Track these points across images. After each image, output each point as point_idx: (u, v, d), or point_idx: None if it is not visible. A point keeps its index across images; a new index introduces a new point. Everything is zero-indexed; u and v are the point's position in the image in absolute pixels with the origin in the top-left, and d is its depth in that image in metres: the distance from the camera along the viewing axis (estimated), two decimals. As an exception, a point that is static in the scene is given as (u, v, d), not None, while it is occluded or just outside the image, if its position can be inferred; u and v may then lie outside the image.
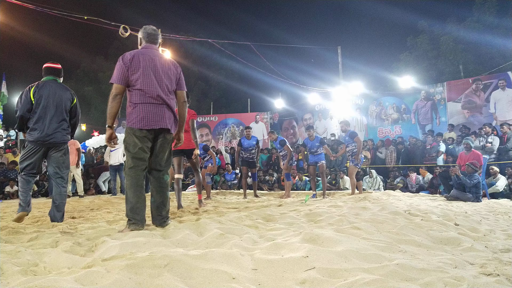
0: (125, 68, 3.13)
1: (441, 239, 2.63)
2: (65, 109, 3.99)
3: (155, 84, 3.19)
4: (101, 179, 11.71)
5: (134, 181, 3.12)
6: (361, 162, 7.79)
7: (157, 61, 3.26)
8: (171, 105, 3.30)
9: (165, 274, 1.62)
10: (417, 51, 20.73)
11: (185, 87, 3.47)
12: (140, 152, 3.15)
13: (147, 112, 3.15)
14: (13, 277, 1.74)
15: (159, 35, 3.48)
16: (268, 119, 17.40)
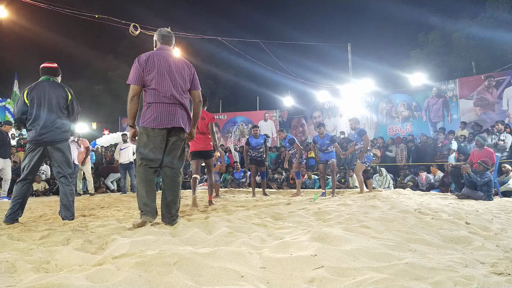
0: (141, 69, 3.25)
1: (451, 238, 2.60)
2: (59, 106, 3.91)
3: (169, 84, 3.29)
4: (108, 179, 11.81)
5: (143, 176, 3.25)
6: (369, 160, 7.68)
7: (171, 62, 3.36)
8: (184, 104, 3.39)
9: (174, 272, 1.63)
10: (428, 47, 20.50)
11: (199, 86, 3.57)
12: (151, 154, 3.25)
13: (160, 111, 3.25)
14: (25, 274, 1.77)
15: (173, 36, 3.59)
16: (277, 117, 17.38)
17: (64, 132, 3.96)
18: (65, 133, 3.97)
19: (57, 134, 3.88)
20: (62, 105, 3.93)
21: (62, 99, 3.94)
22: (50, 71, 4.10)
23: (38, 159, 3.88)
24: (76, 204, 6.45)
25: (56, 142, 3.89)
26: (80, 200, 7.78)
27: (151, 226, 3.02)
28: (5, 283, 1.57)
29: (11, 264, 1.90)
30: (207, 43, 24.61)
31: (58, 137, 3.89)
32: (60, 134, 3.91)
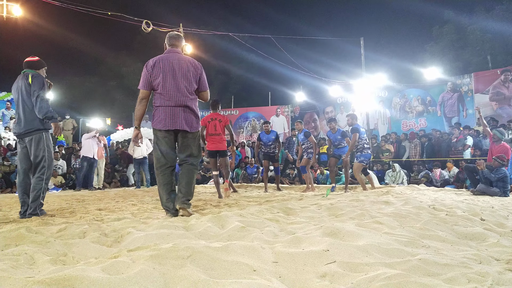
0: (148, 74, 3.48)
1: (466, 235, 2.58)
2: (24, 97, 3.82)
3: (173, 87, 3.46)
4: (130, 171, 11.80)
5: (161, 181, 3.54)
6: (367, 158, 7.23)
7: (176, 65, 3.50)
8: (190, 106, 3.54)
9: (188, 265, 1.66)
10: (443, 41, 20.16)
11: (207, 87, 3.71)
12: (164, 153, 3.53)
13: (165, 114, 3.47)
14: (43, 266, 1.82)
15: (180, 38, 3.75)
16: (289, 112, 17.34)
17: (32, 122, 3.82)
18: (33, 122, 3.82)
19: (26, 125, 3.80)
20: (28, 91, 3.82)
21: (27, 86, 3.83)
22: (28, 64, 4.03)
23: (25, 154, 3.86)
24: (91, 198, 6.58)
25: (25, 134, 3.81)
26: (96, 194, 7.92)
27: (165, 220, 3.06)
28: (24, 274, 1.62)
29: (30, 256, 1.95)
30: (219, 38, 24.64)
31: (26, 128, 3.80)
32: (29, 125, 3.81)
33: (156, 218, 3.40)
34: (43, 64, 4.13)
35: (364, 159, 7.12)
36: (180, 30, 11.76)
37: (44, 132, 3.88)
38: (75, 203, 5.45)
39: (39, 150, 3.80)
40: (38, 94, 3.78)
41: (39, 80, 3.85)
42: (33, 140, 3.80)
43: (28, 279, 1.40)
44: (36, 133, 3.81)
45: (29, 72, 3.91)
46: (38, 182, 3.78)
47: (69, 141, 15.97)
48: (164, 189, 3.53)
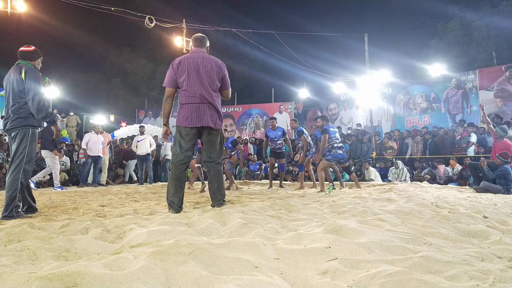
0: (173, 72, 3.60)
1: (468, 232, 2.57)
2: (15, 91, 3.54)
3: (198, 85, 3.57)
4: (129, 168, 11.80)
5: (174, 175, 3.59)
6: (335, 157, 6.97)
7: (200, 63, 3.62)
8: (213, 103, 3.65)
9: (190, 262, 1.66)
10: (448, 37, 20.04)
11: (229, 86, 3.85)
12: (183, 150, 3.60)
13: (191, 111, 3.57)
14: (46, 261, 1.83)
15: (205, 39, 3.88)
16: (292, 109, 17.31)
17: (18, 119, 3.53)
18: (19, 119, 3.53)
19: (12, 122, 3.54)
20: (20, 89, 3.53)
21: (18, 83, 3.54)
22: (23, 55, 3.74)
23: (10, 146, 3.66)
24: (94, 195, 6.60)
25: (11, 130, 3.55)
26: (99, 190, 7.95)
27: (167, 217, 3.07)
28: (27, 269, 1.63)
29: (33, 252, 1.96)
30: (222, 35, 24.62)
31: (12, 124, 3.53)
32: (15, 121, 3.53)
33: (159, 215, 3.41)
34: (39, 55, 3.84)
35: (331, 158, 6.93)
36: (183, 26, 11.75)
37: (31, 129, 3.59)
38: (78, 199, 5.48)
39: (21, 146, 3.50)
40: (34, 93, 3.50)
41: (34, 76, 3.56)
42: (18, 135, 3.52)
43: (31, 275, 1.41)
44: (22, 129, 3.54)
45: (23, 65, 3.61)
46: (15, 181, 3.44)
47: (73, 138, 16.03)
48: (174, 184, 3.57)
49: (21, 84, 3.52)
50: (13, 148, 3.52)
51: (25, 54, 3.74)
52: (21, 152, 3.50)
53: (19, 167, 3.47)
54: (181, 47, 11.86)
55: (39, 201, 5.41)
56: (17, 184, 3.43)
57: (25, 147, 3.52)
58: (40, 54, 3.85)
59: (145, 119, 19.40)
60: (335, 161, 6.98)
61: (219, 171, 3.79)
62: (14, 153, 3.50)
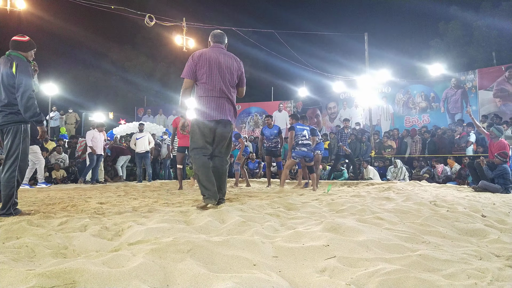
0: (193, 64, 3.58)
1: (466, 231, 2.57)
2: (4, 85, 3.37)
3: (218, 79, 3.59)
4: (118, 163, 11.47)
5: (200, 163, 3.55)
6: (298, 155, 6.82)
7: (221, 58, 3.66)
8: (231, 99, 3.69)
9: (188, 259, 1.66)
10: (448, 37, 20.05)
11: (245, 83, 3.89)
12: (201, 142, 3.58)
13: (210, 104, 3.57)
14: (44, 259, 1.83)
15: (224, 36, 3.91)
16: (292, 107, 17.30)
17: (9, 115, 3.38)
18: (9, 115, 3.38)
19: (3, 117, 3.38)
20: (10, 83, 3.36)
21: (9, 75, 3.36)
22: (16, 45, 3.54)
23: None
24: (92, 192, 6.60)
25: (2, 126, 3.40)
26: (97, 188, 7.95)
27: (165, 215, 3.07)
28: (25, 267, 1.63)
29: (31, 249, 1.96)
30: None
31: (4, 120, 3.38)
32: (6, 117, 3.38)
33: (157, 212, 3.41)
34: (33, 46, 3.64)
35: (295, 155, 6.83)
36: (183, 25, 11.73)
37: (23, 125, 3.45)
38: (77, 197, 5.48)
39: (14, 143, 3.38)
40: (24, 90, 3.33)
41: (26, 70, 3.39)
42: (10, 133, 3.38)
43: (29, 272, 1.41)
44: (12, 125, 3.39)
45: (14, 57, 3.43)
46: (10, 179, 3.34)
47: (71, 135, 16.02)
48: (204, 171, 3.51)
49: (11, 78, 3.35)
50: (6, 145, 3.39)
51: (18, 44, 3.53)
52: (15, 149, 3.38)
53: (15, 164, 3.37)
54: (181, 46, 11.84)
55: (37, 198, 5.40)
56: (13, 182, 3.35)
57: (18, 144, 3.39)
58: (34, 45, 3.65)
59: (144, 116, 19.38)
60: (298, 158, 6.85)
61: (224, 170, 3.77)
62: (8, 150, 3.37)
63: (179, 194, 6.12)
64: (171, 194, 6.03)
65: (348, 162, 11.08)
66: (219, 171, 3.73)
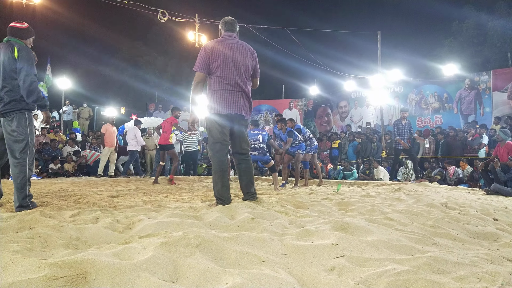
0: (207, 56, 3.37)
1: (478, 234, 2.55)
2: (6, 71, 3.27)
3: (233, 71, 3.40)
4: (119, 162, 11.42)
5: (217, 166, 3.41)
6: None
7: (236, 49, 3.45)
8: (246, 92, 3.51)
9: (197, 254, 1.68)
10: (462, 37, 19.74)
11: (259, 73, 3.69)
12: (222, 136, 3.40)
13: (224, 98, 3.39)
14: (56, 249, 1.86)
15: (236, 23, 3.67)
16: (302, 106, 17.24)
17: (13, 102, 3.28)
18: (14, 102, 3.28)
19: (6, 104, 3.28)
20: (10, 69, 3.26)
21: (10, 61, 3.26)
22: (14, 31, 3.44)
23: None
24: (104, 186, 6.68)
25: (4, 114, 3.29)
26: (109, 182, 8.04)
27: (175, 209, 3.10)
28: (38, 256, 1.65)
29: (44, 239, 2.00)
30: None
31: (6, 107, 3.27)
32: (8, 105, 3.27)
33: (167, 207, 3.44)
34: (32, 33, 3.55)
35: None
36: (195, 21, 11.76)
37: (27, 112, 3.36)
38: (88, 190, 5.55)
39: (21, 131, 3.27)
40: (26, 73, 3.23)
41: (28, 55, 3.30)
42: (13, 122, 3.27)
43: (42, 261, 1.43)
44: (17, 113, 3.29)
45: (14, 43, 3.34)
46: (21, 168, 3.25)
47: (84, 129, 16.20)
48: (219, 174, 3.40)
49: (13, 63, 3.25)
50: (7, 136, 3.28)
51: (17, 31, 3.44)
52: (24, 137, 3.28)
53: (24, 153, 3.28)
54: (193, 42, 11.88)
55: (49, 190, 5.49)
56: (24, 170, 3.27)
57: (25, 132, 3.29)
58: (33, 32, 3.56)
59: (155, 112, 19.51)
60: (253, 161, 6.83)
61: (251, 165, 3.64)
62: (15, 140, 3.26)
63: (188, 190, 6.15)
64: (179, 189, 6.07)
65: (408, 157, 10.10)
66: (246, 166, 3.61)
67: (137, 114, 19.09)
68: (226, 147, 3.45)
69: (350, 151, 12.39)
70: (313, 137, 8.22)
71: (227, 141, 3.45)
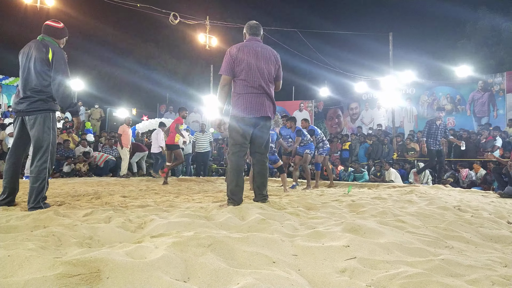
0: (232, 60, 3.45)
1: (491, 237, 2.51)
2: (36, 70, 3.23)
3: (257, 75, 3.47)
4: (135, 159, 11.49)
5: (235, 165, 3.48)
6: None
7: (260, 52, 3.53)
8: (270, 94, 3.60)
9: (209, 254, 1.68)
10: (476, 38, 19.48)
11: (281, 77, 3.77)
12: (243, 140, 3.47)
13: (250, 101, 3.46)
14: (70, 248, 1.89)
15: (260, 27, 3.74)
16: (313, 107, 17.20)
17: (40, 101, 3.24)
18: (39, 102, 3.24)
19: (30, 104, 3.23)
20: (41, 69, 3.23)
21: (41, 61, 3.23)
22: (50, 31, 3.42)
23: (20, 133, 3.35)
24: (116, 186, 6.74)
25: (28, 112, 3.25)
26: (121, 182, 8.12)
27: (186, 210, 3.11)
28: (52, 254, 1.68)
29: (57, 238, 2.03)
30: (244, 32, 24.58)
31: (32, 106, 3.23)
32: (34, 104, 3.23)
33: (178, 207, 3.46)
34: (66, 33, 3.54)
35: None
36: (206, 23, 11.83)
37: (51, 113, 3.32)
38: (101, 190, 5.61)
39: (44, 132, 3.23)
40: (61, 79, 3.21)
41: (62, 58, 3.27)
42: (37, 121, 3.23)
43: (56, 259, 1.46)
44: (42, 112, 3.25)
45: (49, 43, 3.31)
46: (42, 171, 3.23)
47: (96, 130, 16.38)
48: (234, 174, 3.46)
49: (46, 64, 3.22)
50: (34, 135, 3.24)
51: (53, 30, 3.42)
52: (45, 139, 3.24)
53: (46, 155, 3.24)
54: (204, 44, 11.94)
55: (62, 190, 5.56)
56: (45, 173, 3.25)
57: (48, 134, 3.26)
58: (67, 33, 3.55)
59: (166, 113, 19.65)
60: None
61: (266, 167, 3.70)
62: (37, 140, 3.23)
63: (198, 190, 6.18)
64: (190, 190, 6.10)
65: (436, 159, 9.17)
66: (262, 167, 3.66)
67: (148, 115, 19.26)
68: (245, 150, 3.54)
69: (361, 153, 12.32)
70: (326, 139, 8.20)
71: (246, 144, 3.53)
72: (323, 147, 7.81)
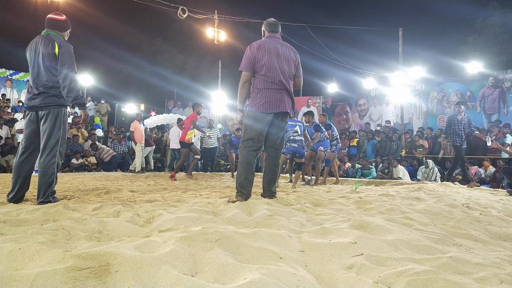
0: (252, 56, 3.49)
1: (500, 235, 2.49)
2: (45, 66, 3.25)
3: (277, 71, 3.50)
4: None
5: (245, 159, 3.50)
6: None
7: (279, 49, 3.57)
8: (289, 90, 3.62)
9: (216, 249, 1.70)
10: (486, 34, 19.20)
11: (301, 74, 3.77)
12: (257, 136, 3.51)
13: (269, 97, 3.49)
14: (79, 241, 1.92)
15: (279, 25, 3.79)
16: (320, 103, 17.12)
17: (50, 97, 3.28)
18: (51, 97, 3.28)
19: (43, 99, 3.27)
20: (49, 64, 3.25)
21: (49, 57, 3.26)
22: (53, 24, 3.42)
23: (34, 129, 3.34)
24: (124, 181, 6.80)
25: (40, 108, 3.28)
26: (129, 177, 8.19)
27: (194, 205, 3.13)
28: (62, 248, 1.71)
29: (67, 231, 2.06)
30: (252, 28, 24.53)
31: (45, 101, 3.27)
32: (46, 99, 3.27)
33: (186, 202, 3.49)
34: (69, 25, 3.53)
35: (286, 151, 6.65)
36: (215, 17, 11.81)
37: (63, 109, 3.35)
38: (110, 184, 5.66)
39: (55, 128, 3.27)
40: (67, 71, 3.22)
41: (68, 51, 3.29)
42: (49, 116, 3.26)
43: (66, 253, 1.48)
44: (53, 108, 3.28)
45: (55, 38, 3.32)
46: (51, 165, 3.25)
47: (104, 125, 16.51)
48: (245, 168, 3.48)
49: (53, 59, 3.24)
50: (45, 130, 3.26)
51: (55, 23, 3.42)
52: (56, 134, 3.27)
53: (55, 150, 3.26)
54: (212, 38, 11.94)
55: (71, 184, 5.63)
56: (53, 168, 3.26)
57: (59, 129, 3.29)
58: (70, 25, 3.53)
59: (174, 109, 19.71)
60: (289, 154, 6.71)
61: (278, 164, 3.72)
62: (48, 135, 3.24)
63: (206, 186, 6.21)
64: (197, 185, 6.13)
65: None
66: (274, 163, 3.69)
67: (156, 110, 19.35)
68: (258, 145, 3.54)
69: (369, 149, 12.26)
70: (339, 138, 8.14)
71: (260, 140, 3.56)
72: (336, 145, 7.80)
